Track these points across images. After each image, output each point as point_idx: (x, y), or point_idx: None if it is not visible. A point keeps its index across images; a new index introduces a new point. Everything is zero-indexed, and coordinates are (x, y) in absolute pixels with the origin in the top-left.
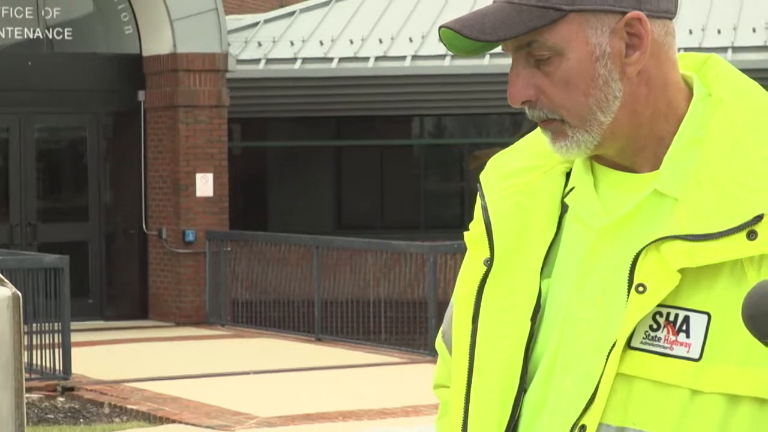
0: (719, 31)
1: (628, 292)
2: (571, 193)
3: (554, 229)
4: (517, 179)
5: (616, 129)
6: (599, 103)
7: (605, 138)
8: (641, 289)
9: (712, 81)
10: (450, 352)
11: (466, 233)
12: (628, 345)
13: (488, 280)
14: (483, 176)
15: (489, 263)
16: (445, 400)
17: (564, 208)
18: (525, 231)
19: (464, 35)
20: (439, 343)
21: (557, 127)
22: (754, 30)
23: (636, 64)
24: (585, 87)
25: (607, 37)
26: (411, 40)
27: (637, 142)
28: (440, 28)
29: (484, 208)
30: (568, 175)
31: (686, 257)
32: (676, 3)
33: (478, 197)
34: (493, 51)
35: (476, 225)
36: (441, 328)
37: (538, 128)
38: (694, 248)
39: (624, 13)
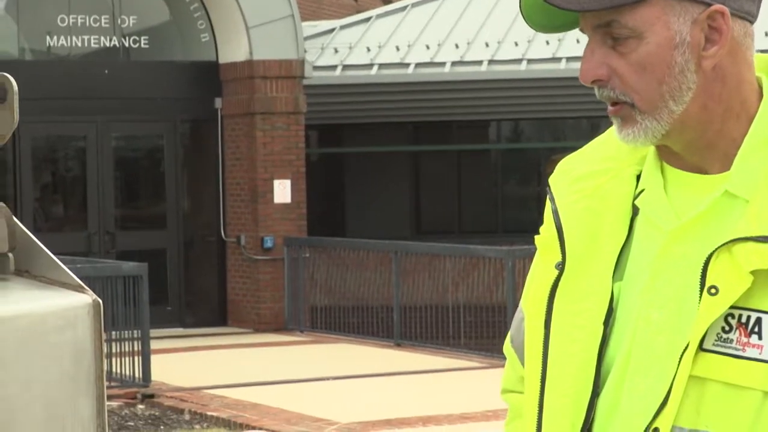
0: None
1: (701, 294)
2: (641, 195)
3: (625, 232)
4: (588, 183)
5: (685, 120)
6: (672, 91)
7: (674, 128)
8: (713, 291)
9: None
10: (519, 357)
11: (537, 237)
12: (701, 347)
13: (560, 284)
14: (552, 180)
15: (561, 267)
16: (514, 405)
17: (635, 210)
18: (596, 234)
19: (550, 2)
20: (507, 348)
21: (627, 113)
22: None
23: (713, 57)
24: (660, 73)
25: (689, 26)
26: (487, 44)
27: (705, 138)
28: None
29: (555, 212)
30: (638, 177)
31: (759, 258)
32: (758, 7)
33: (547, 201)
34: (569, 54)
35: (547, 229)
36: (509, 333)
37: (608, 131)
38: (766, 250)
39: (708, 5)
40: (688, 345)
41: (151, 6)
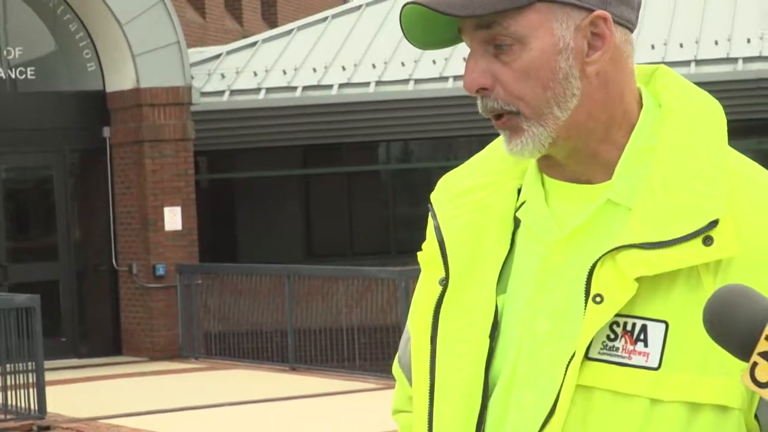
0: (681, 45)
1: (586, 303)
2: (522, 207)
3: (507, 245)
4: (469, 197)
5: (570, 128)
6: (557, 97)
7: (559, 135)
8: (598, 299)
9: (662, 91)
10: (407, 377)
11: (419, 254)
12: (587, 356)
13: (444, 300)
14: (434, 196)
15: (444, 283)
16: (404, 424)
17: (517, 223)
18: (479, 248)
19: (433, 9)
20: (396, 369)
21: (514, 122)
22: (716, 43)
23: (596, 63)
24: (545, 79)
25: (572, 32)
26: (374, 66)
27: (589, 147)
28: (405, 5)
29: (437, 228)
30: (519, 191)
31: (643, 266)
32: (637, 16)
33: (429, 218)
34: (457, 74)
35: (429, 245)
36: (397, 354)
37: (488, 147)
38: (650, 256)
39: (591, 11)
40: (574, 354)
41: (37, 37)
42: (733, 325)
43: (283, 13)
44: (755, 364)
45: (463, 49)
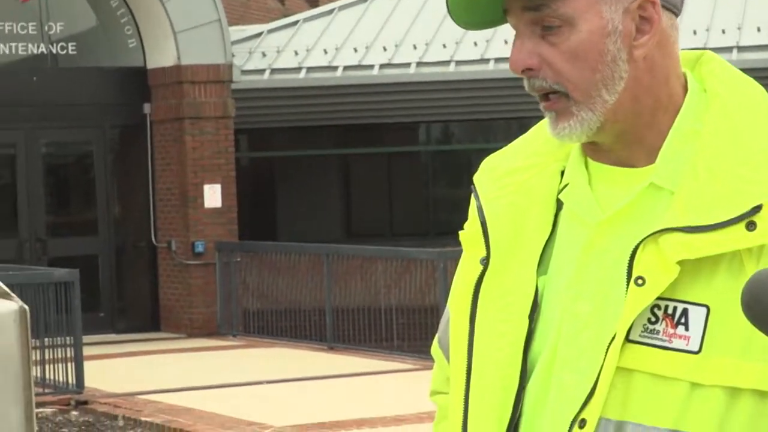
0: (723, 31)
1: (627, 285)
2: (565, 189)
3: (550, 227)
4: (512, 179)
5: (618, 111)
6: (605, 80)
7: (607, 119)
8: (640, 281)
9: (707, 76)
10: (446, 358)
11: (461, 233)
12: (627, 338)
13: (485, 280)
14: (477, 178)
15: (485, 262)
16: (442, 405)
17: (559, 205)
18: (520, 229)
19: None
20: (435, 350)
21: (562, 105)
22: (758, 29)
23: (644, 47)
24: (593, 61)
25: (621, 14)
26: (415, 47)
27: (635, 131)
28: None
29: (479, 208)
30: (563, 173)
31: (685, 249)
32: (682, 1)
33: (472, 198)
34: (498, 56)
35: (471, 225)
36: (437, 335)
37: (533, 129)
38: (693, 240)
39: None
40: (614, 336)
41: (79, 12)
42: None
43: None
44: None
45: (504, 32)
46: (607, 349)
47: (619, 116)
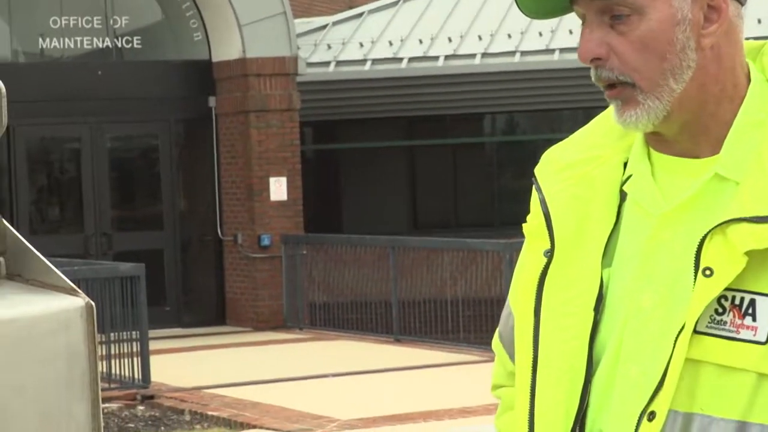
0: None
1: (695, 276)
2: (629, 181)
3: (614, 218)
4: (575, 171)
5: (684, 101)
6: (674, 69)
7: (674, 109)
8: (708, 272)
9: None
10: (507, 352)
11: (524, 225)
12: (695, 330)
13: (549, 272)
14: (538, 170)
15: (549, 254)
16: (504, 399)
17: (623, 197)
18: (584, 221)
19: None
20: (496, 344)
21: (628, 94)
22: None
23: (712, 35)
24: (662, 50)
25: (689, 3)
26: (480, 38)
27: (701, 121)
28: None
29: (542, 201)
30: (625, 165)
31: (753, 239)
32: None
33: (533, 191)
34: (563, 46)
35: (535, 217)
36: (497, 329)
37: (594, 120)
38: (761, 230)
39: None
40: (683, 327)
41: (144, 6)
42: None
43: None
44: None
45: (569, 22)
46: (675, 341)
47: (685, 105)
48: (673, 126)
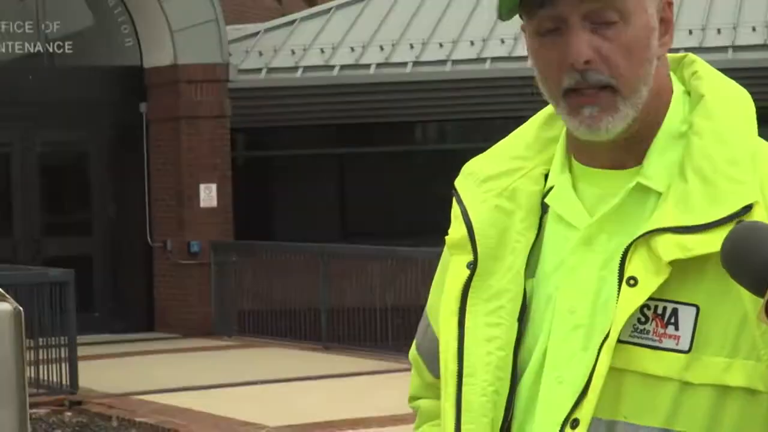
0: (719, 31)
1: (619, 286)
2: (550, 193)
3: (536, 230)
4: (496, 183)
5: (644, 109)
6: (647, 76)
7: (637, 116)
8: (632, 282)
9: (690, 78)
10: (426, 363)
11: (447, 238)
12: (618, 339)
13: (472, 284)
14: (458, 182)
15: (473, 267)
16: (422, 410)
17: (544, 208)
18: (506, 233)
19: None
20: (413, 355)
21: (608, 100)
22: (753, 29)
23: (666, 46)
24: (641, 57)
25: (656, 12)
26: (412, 46)
27: (644, 129)
28: None
29: (464, 213)
30: (546, 177)
31: (677, 249)
32: None
33: (454, 203)
34: (494, 55)
35: (457, 229)
36: (415, 340)
37: (513, 134)
38: (684, 240)
39: None
40: (607, 336)
41: (75, 11)
42: (750, 259)
43: None
44: None
45: (501, 31)
46: (599, 350)
47: (643, 113)
48: (625, 133)
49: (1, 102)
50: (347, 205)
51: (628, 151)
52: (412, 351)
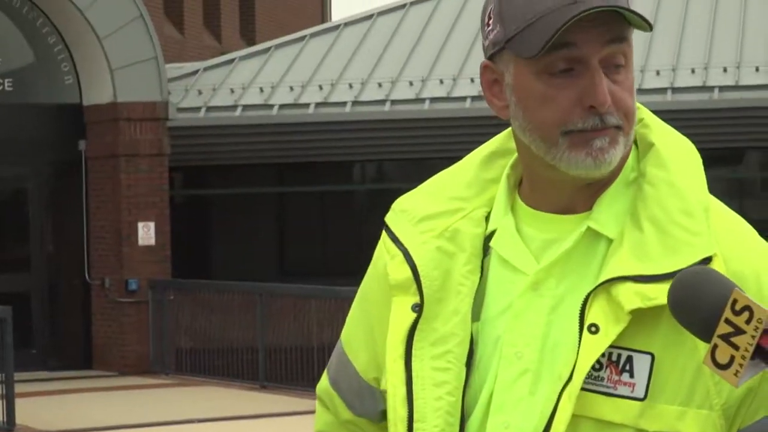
0: (658, 73)
1: (580, 333)
2: (494, 236)
3: (479, 273)
4: (434, 223)
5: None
6: (635, 118)
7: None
8: (593, 329)
9: (636, 126)
10: (344, 400)
11: (390, 278)
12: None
13: (418, 327)
14: (390, 219)
15: (419, 309)
16: None
17: (485, 250)
18: (450, 275)
19: (634, 15)
20: (327, 391)
21: (615, 135)
22: (693, 71)
23: None
24: (634, 99)
25: None
26: (351, 86)
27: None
28: (589, 8)
29: (406, 253)
30: (486, 218)
31: (638, 298)
32: None
33: (386, 240)
34: (433, 95)
35: (399, 270)
36: (328, 375)
37: (446, 172)
38: (645, 289)
39: None
40: (567, 383)
41: (15, 48)
42: (696, 306)
43: (262, 32)
44: (715, 346)
45: (440, 72)
46: (559, 396)
47: (625, 153)
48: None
49: None
50: (286, 244)
51: (582, 195)
52: (324, 386)
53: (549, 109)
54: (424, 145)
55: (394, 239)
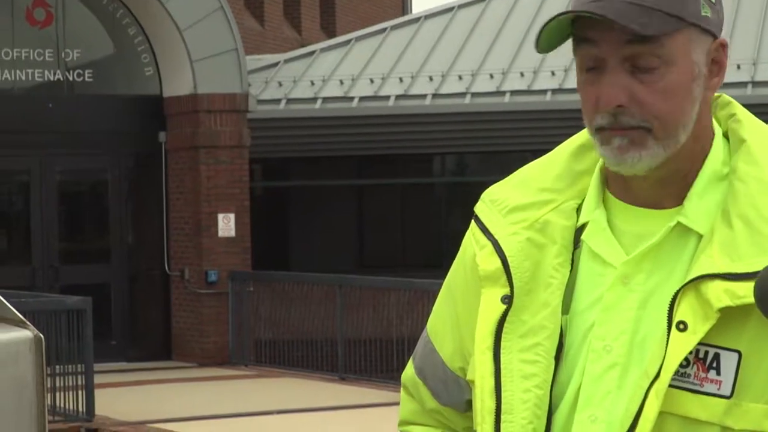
0: (738, 67)
1: (669, 330)
2: (585, 229)
3: (569, 266)
4: (524, 214)
5: (681, 151)
6: (686, 122)
7: (670, 158)
8: (682, 326)
9: (726, 120)
10: (430, 389)
11: (480, 269)
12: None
13: (508, 319)
14: (479, 209)
15: (509, 301)
16: None
17: (576, 243)
18: (540, 267)
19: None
20: (412, 380)
21: (641, 137)
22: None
23: (714, 89)
24: (682, 103)
25: (704, 57)
26: (431, 78)
27: (684, 171)
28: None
29: (496, 244)
30: (577, 210)
31: (728, 296)
32: None
33: (475, 229)
34: (513, 88)
35: (489, 260)
36: (413, 364)
37: (536, 163)
38: (735, 287)
39: (714, 38)
40: (655, 379)
41: (96, 40)
42: None
43: (342, 24)
44: None
45: (520, 65)
46: (647, 392)
47: (680, 156)
48: (659, 173)
49: (22, 130)
50: (365, 236)
51: (666, 190)
52: (410, 374)
53: (583, 104)
54: (504, 138)
55: (484, 229)
